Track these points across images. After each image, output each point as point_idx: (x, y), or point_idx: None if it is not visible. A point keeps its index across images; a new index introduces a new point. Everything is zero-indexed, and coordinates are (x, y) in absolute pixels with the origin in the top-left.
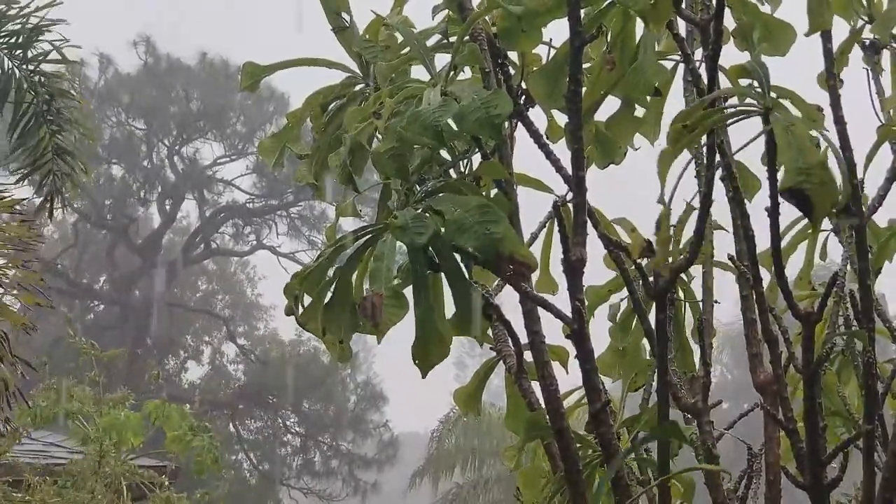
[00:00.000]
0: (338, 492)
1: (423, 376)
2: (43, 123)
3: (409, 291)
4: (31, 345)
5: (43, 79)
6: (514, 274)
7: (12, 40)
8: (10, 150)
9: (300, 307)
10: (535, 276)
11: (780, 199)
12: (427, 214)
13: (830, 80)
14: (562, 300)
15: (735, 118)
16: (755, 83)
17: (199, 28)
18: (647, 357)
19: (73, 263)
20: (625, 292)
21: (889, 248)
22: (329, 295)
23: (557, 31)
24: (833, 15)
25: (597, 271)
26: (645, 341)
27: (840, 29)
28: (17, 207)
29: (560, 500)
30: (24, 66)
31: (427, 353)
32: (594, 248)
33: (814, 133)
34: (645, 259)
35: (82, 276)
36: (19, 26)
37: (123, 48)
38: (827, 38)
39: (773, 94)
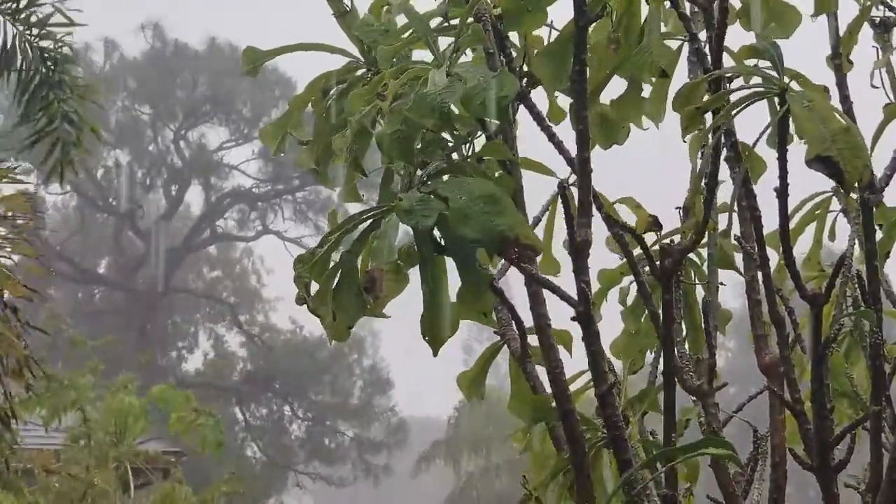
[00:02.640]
0: (347, 475)
1: (435, 354)
2: (49, 90)
3: (413, 273)
4: (32, 335)
5: (50, 44)
6: (520, 257)
7: (13, 5)
8: (18, 118)
9: (309, 294)
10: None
11: (789, 182)
12: (432, 197)
13: (836, 59)
14: (568, 283)
15: (750, 100)
16: (768, 64)
17: (207, 13)
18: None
19: (78, 248)
20: None
21: None
22: (336, 279)
23: (558, 12)
24: None
25: (602, 255)
26: None
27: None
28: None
29: (563, 481)
30: (28, 32)
31: (436, 329)
32: (596, 232)
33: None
34: (651, 239)
35: (87, 262)
36: None
37: (129, 33)
38: (833, 16)
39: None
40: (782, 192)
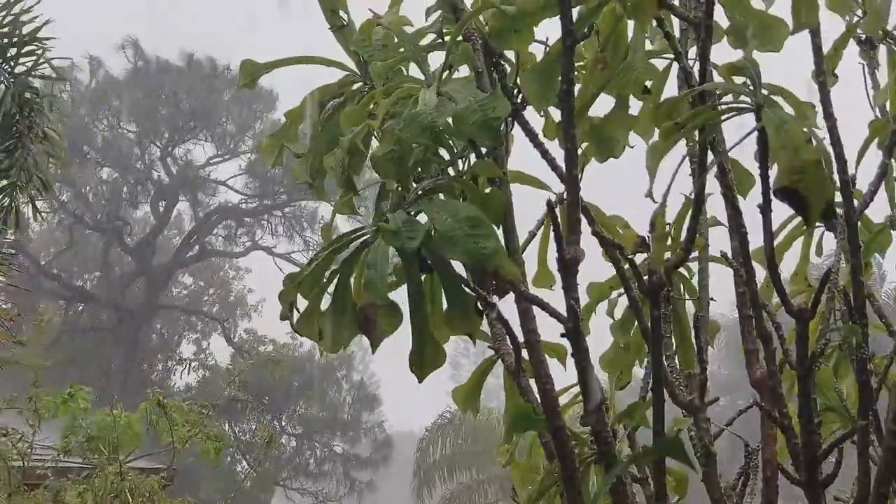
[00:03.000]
0: (333, 492)
1: (420, 382)
2: (21, 146)
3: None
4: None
5: (31, 95)
6: (497, 289)
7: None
8: None
9: (295, 312)
10: (532, 272)
11: (774, 197)
12: (418, 218)
13: (820, 76)
14: (559, 298)
15: (726, 115)
16: (747, 80)
17: (184, 27)
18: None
19: (66, 265)
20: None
21: (876, 243)
22: (326, 299)
23: (554, 30)
24: (817, 13)
25: (599, 265)
26: None
27: (834, 25)
28: None
29: (556, 492)
30: (12, 82)
31: (423, 361)
32: (595, 243)
33: (805, 130)
34: (640, 256)
35: (75, 278)
36: (5, 40)
37: (112, 51)
38: (816, 34)
39: (764, 91)
40: (766, 208)
